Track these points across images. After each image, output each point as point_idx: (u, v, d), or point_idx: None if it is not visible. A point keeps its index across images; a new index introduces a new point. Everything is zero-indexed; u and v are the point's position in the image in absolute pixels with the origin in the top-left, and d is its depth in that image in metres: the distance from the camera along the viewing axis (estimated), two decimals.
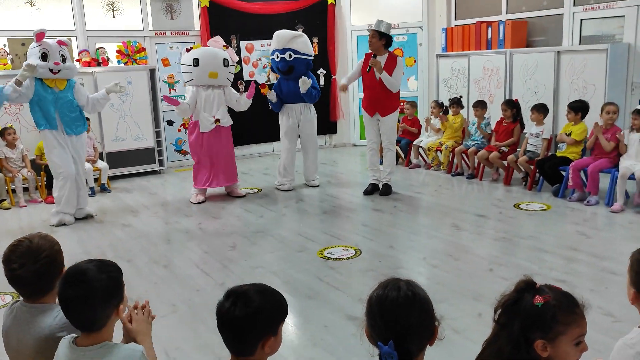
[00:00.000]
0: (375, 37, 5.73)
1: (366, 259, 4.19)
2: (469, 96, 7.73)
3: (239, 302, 1.56)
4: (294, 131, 6.51)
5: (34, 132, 6.78)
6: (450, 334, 2.86)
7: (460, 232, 4.78)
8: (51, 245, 1.91)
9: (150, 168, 7.77)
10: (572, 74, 6.56)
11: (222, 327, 1.58)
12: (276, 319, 1.61)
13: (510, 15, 7.68)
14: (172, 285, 3.85)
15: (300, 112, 6.47)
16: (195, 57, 5.82)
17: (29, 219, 5.76)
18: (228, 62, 5.98)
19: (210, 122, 5.92)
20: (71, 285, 1.65)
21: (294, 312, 3.36)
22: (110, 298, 1.69)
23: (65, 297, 1.66)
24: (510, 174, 6.33)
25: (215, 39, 6.21)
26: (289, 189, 6.51)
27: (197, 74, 5.87)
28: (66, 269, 1.73)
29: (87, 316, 1.66)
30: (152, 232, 5.15)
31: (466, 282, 3.67)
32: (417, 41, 9.00)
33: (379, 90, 5.82)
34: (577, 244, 4.33)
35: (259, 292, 1.61)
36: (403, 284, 1.49)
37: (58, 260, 1.91)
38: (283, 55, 6.21)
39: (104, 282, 1.67)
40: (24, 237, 1.93)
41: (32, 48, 5.18)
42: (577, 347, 1.49)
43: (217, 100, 5.94)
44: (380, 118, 5.98)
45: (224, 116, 6.03)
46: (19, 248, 1.87)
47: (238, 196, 6.26)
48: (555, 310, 1.47)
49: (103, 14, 7.67)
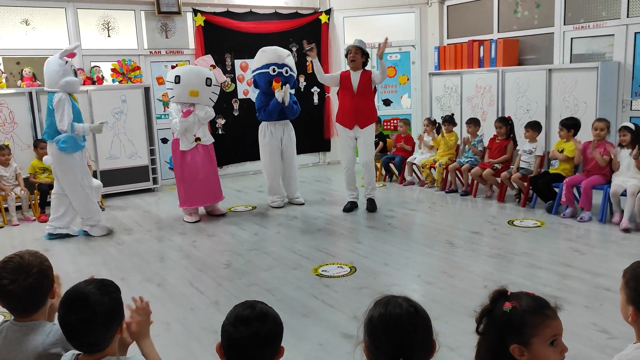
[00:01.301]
0: (358, 53, 5.87)
1: (361, 277, 4.19)
2: (462, 114, 7.79)
3: (253, 332, 1.54)
4: (278, 149, 6.47)
5: (27, 150, 6.80)
6: (445, 351, 2.85)
7: (455, 249, 4.79)
8: (41, 261, 1.91)
9: (144, 186, 7.76)
10: (564, 92, 6.64)
11: (236, 353, 1.55)
12: (280, 340, 1.61)
13: (501, 34, 7.79)
14: (166, 304, 3.83)
15: (283, 130, 6.46)
16: (178, 75, 5.85)
17: (21, 237, 5.73)
18: (211, 82, 5.95)
19: (191, 141, 5.91)
20: (73, 310, 1.63)
21: (289, 330, 3.31)
22: (113, 319, 1.69)
23: (68, 322, 1.64)
24: (503, 191, 6.36)
25: (204, 58, 6.23)
26: (282, 205, 6.51)
27: (178, 92, 5.87)
28: (65, 292, 1.71)
29: (91, 339, 1.65)
30: (146, 250, 5.12)
31: (461, 299, 3.66)
32: (410, 59, 9.10)
33: (358, 103, 5.91)
34: (571, 260, 4.34)
35: (271, 318, 1.60)
36: (402, 300, 1.49)
37: (49, 276, 1.91)
38: (280, 70, 6.25)
39: (106, 305, 1.66)
40: (14, 253, 1.93)
41: (61, 66, 5.23)
42: (554, 348, 1.51)
43: (197, 120, 5.90)
44: (359, 131, 5.99)
45: (204, 134, 6.03)
46: (9, 264, 1.86)
47: (219, 214, 6.23)
48: (522, 314, 1.51)
49: (98, 33, 7.72)
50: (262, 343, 1.53)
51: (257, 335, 1.52)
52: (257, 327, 1.52)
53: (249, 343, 1.52)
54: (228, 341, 1.54)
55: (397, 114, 9.09)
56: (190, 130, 5.89)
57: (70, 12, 7.43)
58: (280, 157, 6.52)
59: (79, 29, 7.51)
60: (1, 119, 6.70)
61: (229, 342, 1.54)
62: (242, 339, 1.52)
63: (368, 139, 6.08)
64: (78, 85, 5.42)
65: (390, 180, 7.94)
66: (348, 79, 5.96)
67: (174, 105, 5.98)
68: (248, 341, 1.52)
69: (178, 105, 5.93)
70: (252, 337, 1.51)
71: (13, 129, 6.77)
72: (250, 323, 1.53)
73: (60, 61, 5.22)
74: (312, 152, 9.54)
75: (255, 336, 1.51)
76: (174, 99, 5.97)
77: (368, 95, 5.98)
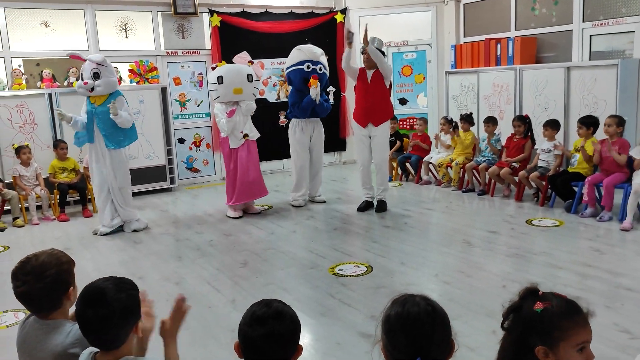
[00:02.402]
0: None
1: (378, 276, 4.17)
2: (479, 112, 7.73)
3: (272, 332, 1.53)
4: (306, 146, 6.56)
5: (47, 150, 6.90)
6: (465, 351, 2.83)
7: (472, 248, 4.75)
8: (59, 263, 1.91)
9: (162, 186, 7.82)
10: (583, 90, 6.55)
11: (252, 352, 1.55)
12: (297, 339, 1.60)
13: (519, 31, 7.71)
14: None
15: (313, 128, 6.52)
16: (220, 75, 5.91)
17: (42, 236, 5.81)
18: (252, 77, 6.05)
19: (239, 138, 5.99)
20: (90, 305, 1.64)
21: (307, 329, 3.34)
22: (129, 316, 1.68)
23: (84, 317, 1.65)
24: (521, 190, 6.29)
25: (241, 55, 6.29)
26: (303, 205, 6.53)
27: (223, 92, 5.95)
28: (83, 288, 1.72)
29: (106, 335, 1.65)
30: (164, 249, 5.17)
31: (479, 299, 3.64)
32: (426, 58, 9.05)
33: (373, 98, 5.92)
34: (591, 260, 4.28)
35: (288, 317, 1.59)
36: (420, 299, 1.48)
37: (64, 279, 1.90)
38: (315, 67, 6.29)
39: (122, 301, 1.66)
40: (33, 254, 1.94)
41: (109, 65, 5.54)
42: (581, 354, 1.48)
43: (242, 116, 6.00)
44: (373, 129, 5.99)
45: (251, 130, 6.11)
46: (26, 265, 1.88)
47: (254, 213, 6.28)
48: (553, 316, 1.48)
49: (116, 34, 7.80)
50: (278, 342, 1.51)
51: (272, 334, 1.51)
52: (272, 325, 1.52)
53: (265, 342, 1.51)
54: (244, 340, 1.54)
55: (413, 113, 9.05)
56: (237, 128, 5.96)
57: (88, 13, 7.52)
58: (309, 154, 6.57)
59: (97, 30, 7.60)
60: (21, 120, 6.80)
61: (245, 341, 1.54)
62: (258, 338, 1.51)
63: (381, 138, 6.06)
64: (81, 88, 5.45)
65: (406, 180, 7.91)
66: (364, 73, 6.00)
67: (219, 105, 6.05)
68: (264, 340, 1.51)
69: (222, 105, 6.00)
70: (267, 336, 1.50)
71: (33, 129, 6.87)
72: (266, 322, 1.52)
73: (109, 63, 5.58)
74: (328, 151, 9.52)
75: (271, 335, 1.50)
76: (219, 99, 6.03)
77: (381, 92, 5.96)
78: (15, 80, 6.92)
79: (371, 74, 5.93)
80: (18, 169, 6.43)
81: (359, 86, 6.04)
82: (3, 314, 3.76)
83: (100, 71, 5.39)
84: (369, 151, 6.12)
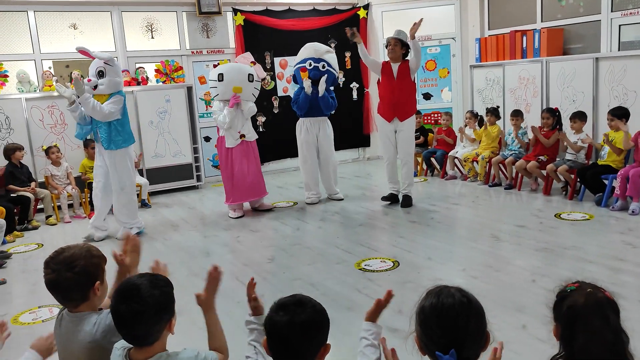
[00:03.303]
0: (397, 45, 5.83)
1: (404, 271, 4.17)
2: (505, 106, 7.64)
3: (299, 323, 1.54)
4: (313, 145, 6.51)
5: (77, 150, 7.05)
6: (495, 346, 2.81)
7: (500, 243, 4.71)
8: (89, 256, 1.94)
9: (189, 183, 7.93)
10: (612, 81, 6.42)
11: (277, 343, 1.56)
12: (322, 331, 1.61)
13: (545, 23, 7.58)
14: None
15: (318, 126, 6.49)
16: (220, 72, 5.96)
17: (73, 233, 5.95)
18: (253, 78, 6.06)
19: (236, 138, 6.01)
20: (124, 301, 1.66)
21: (334, 324, 3.33)
22: (162, 313, 1.70)
23: (118, 312, 1.68)
24: (549, 184, 6.20)
25: (245, 55, 6.34)
26: (317, 202, 6.55)
27: (222, 89, 5.98)
28: (120, 284, 1.75)
29: (140, 331, 1.68)
30: (192, 245, 5.24)
31: (508, 294, 3.60)
32: (450, 52, 8.96)
33: (397, 92, 5.88)
34: (623, 254, 4.20)
35: (310, 305, 1.61)
36: (455, 290, 1.48)
37: (92, 272, 1.92)
38: (317, 65, 6.29)
39: (156, 297, 1.68)
40: (67, 245, 2.00)
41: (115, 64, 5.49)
42: None
43: (242, 116, 6.02)
44: (398, 124, 5.97)
45: (248, 131, 6.11)
46: (59, 256, 1.93)
47: (266, 209, 6.30)
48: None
49: (142, 35, 7.92)
50: (300, 329, 1.51)
51: (294, 322, 1.51)
52: (294, 312, 1.53)
53: (288, 329, 1.51)
54: (269, 330, 1.55)
55: (437, 107, 8.99)
56: (234, 127, 5.98)
57: (115, 15, 7.65)
58: (317, 153, 6.55)
59: (124, 31, 7.73)
60: (52, 121, 6.97)
61: (270, 330, 1.55)
62: (281, 324, 1.52)
63: (407, 133, 6.03)
64: (85, 86, 5.29)
65: (432, 175, 7.86)
66: (389, 67, 5.96)
67: (217, 103, 6.08)
68: (287, 328, 1.51)
69: (221, 103, 6.04)
70: (290, 323, 1.51)
71: (64, 130, 7.03)
72: (288, 308, 1.55)
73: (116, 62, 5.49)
74: (352, 147, 9.54)
75: (292, 322, 1.51)
76: (218, 97, 6.07)
77: (408, 86, 5.94)
78: (45, 82, 7.08)
79: (397, 68, 5.89)
80: (49, 169, 6.60)
81: (383, 81, 6.02)
82: (38, 309, 3.87)
83: (105, 70, 5.28)
84: (394, 146, 6.10)
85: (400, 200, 6.14)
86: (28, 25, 7.20)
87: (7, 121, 6.72)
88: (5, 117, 6.71)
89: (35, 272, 4.62)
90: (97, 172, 5.52)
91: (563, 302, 1.51)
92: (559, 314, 1.51)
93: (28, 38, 7.21)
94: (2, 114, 6.70)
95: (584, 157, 6.00)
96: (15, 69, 7.04)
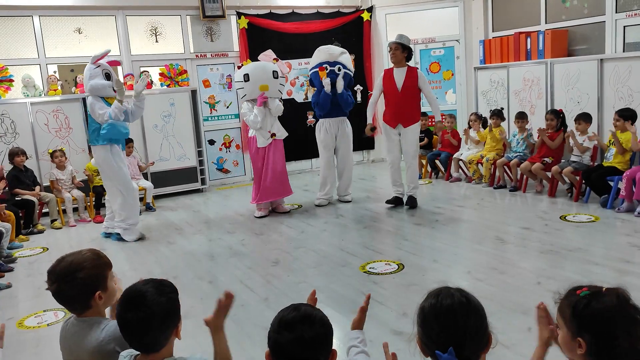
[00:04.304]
0: (398, 49, 5.85)
1: (409, 273, 4.16)
2: (509, 108, 7.62)
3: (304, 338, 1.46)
4: (330, 146, 6.57)
5: (82, 154, 7.08)
6: (500, 349, 2.79)
7: (505, 245, 4.69)
8: (90, 266, 1.90)
9: (193, 187, 7.94)
10: (617, 82, 6.40)
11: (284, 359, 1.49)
12: (329, 343, 1.54)
13: (549, 24, 7.57)
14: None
15: (337, 126, 6.52)
16: (246, 73, 5.99)
17: (78, 237, 5.97)
18: (277, 74, 6.09)
19: (267, 137, 6.04)
20: (130, 309, 1.64)
21: (338, 327, 3.33)
22: (169, 320, 1.68)
23: (125, 320, 1.66)
24: (554, 186, 6.18)
25: (266, 53, 6.35)
26: (325, 204, 6.55)
27: (249, 89, 6.01)
28: (124, 290, 1.73)
29: (147, 339, 1.66)
30: (197, 248, 5.24)
31: (513, 296, 3.59)
32: (455, 54, 8.95)
33: (401, 102, 5.91)
34: (629, 256, 4.18)
35: (317, 320, 1.53)
36: (455, 290, 1.48)
37: (91, 282, 1.89)
38: (333, 68, 6.33)
39: (163, 305, 1.66)
40: (68, 254, 1.96)
41: (90, 70, 5.36)
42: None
43: (270, 115, 6.06)
44: (402, 130, 5.98)
45: (279, 129, 6.16)
46: (57, 266, 1.91)
47: (283, 212, 6.32)
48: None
49: (146, 39, 7.95)
50: (309, 347, 1.44)
51: (302, 339, 1.43)
52: (302, 330, 1.44)
53: (294, 348, 1.44)
54: (274, 347, 1.47)
55: (442, 109, 8.91)
56: (264, 127, 6.01)
57: (120, 19, 7.68)
58: (334, 153, 6.58)
59: (128, 35, 7.76)
60: (57, 125, 7.00)
61: (275, 348, 1.48)
62: (288, 344, 1.44)
63: (411, 137, 6.03)
64: (106, 88, 5.32)
65: (436, 177, 7.85)
66: (391, 77, 5.94)
67: (246, 104, 6.10)
68: (293, 346, 1.44)
69: (249, 103, 6.06)
70: (297, 341, 1.43)
71: (69, 133, 7.06)
72: (294, 327, 1.45)
73: (91, 66, 5.38)
74: (356, 150, 9.51)
75: (301, 340, 1.43)
76: (246, 97, 6.10)
77: (413, 94, 5.94)
78: (50, 86, 7.11)
79: (403, 73, 5.87)
80: (54, 173, 6.62)
81: (386, 90, 6.02)
82: (43, 313, 3.88)
83: (111, 72, 5.47)
84: (398, 149, 6.11)
85: (405, 201, 6.14)
86: (33, 30, 7.23)
87: (13, 125, 6.76)
88: (11, 121, 6.75)
89: (40, 276, 4.63)
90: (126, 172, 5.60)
91: (587, 308, 1.46)
92: (584, 324, 1.44)
93: (33, 42, 7.25)
94: (7, 118, 6.73)
95: (589, 158, 5.98)
96: (20, 74, 7.07)
